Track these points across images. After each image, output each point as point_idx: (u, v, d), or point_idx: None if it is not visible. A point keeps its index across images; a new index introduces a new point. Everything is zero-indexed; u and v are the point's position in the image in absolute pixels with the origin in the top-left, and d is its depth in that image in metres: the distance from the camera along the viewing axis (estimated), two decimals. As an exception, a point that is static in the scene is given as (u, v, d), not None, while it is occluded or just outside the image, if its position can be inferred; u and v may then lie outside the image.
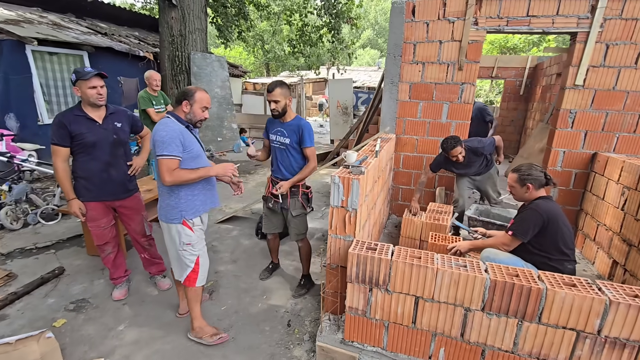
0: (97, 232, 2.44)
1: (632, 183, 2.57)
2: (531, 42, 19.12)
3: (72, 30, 6.88)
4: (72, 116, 2.22)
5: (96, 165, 2.31)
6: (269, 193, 2.63)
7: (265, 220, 2.74)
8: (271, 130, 2.57)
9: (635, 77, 2.95)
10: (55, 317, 2.38)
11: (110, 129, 2.33)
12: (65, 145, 2.21)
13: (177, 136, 1.89)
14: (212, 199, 2.19)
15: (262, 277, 2.94)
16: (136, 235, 2.61)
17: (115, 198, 2.45)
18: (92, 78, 2.16)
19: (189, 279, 2.11)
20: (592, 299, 1.48)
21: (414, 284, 1.76)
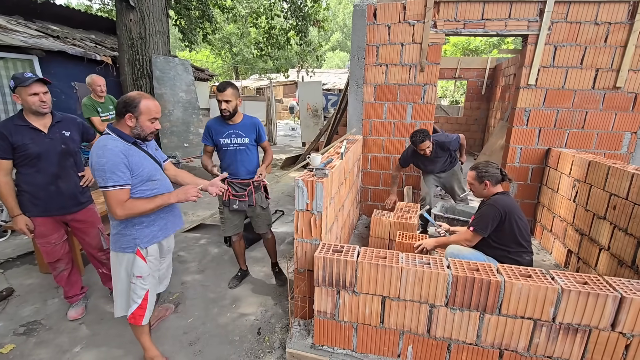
0: (47, 248, 2.27)
1: (582, 176, 2.74)
2: (491, 44, 20.12)
3: (19, 34, 6.43)
4: (13, 126, 2.04)
5: (42, 178, 2.13)
6: (230, 196, 2.55)
7: (227, 224, 2.65)
8: (221, 134, 2.48)
9: (581, 76, 3.15)
10: (3, 342, 2.19)
11: (58, 138, 2.17)
12: (6, 157, 2.03)
13: (119, 160, 1.60)
14: (174, 222, 1.95)
15: (231, 286, 2.85)
16: (92, 250, 2.46)
17: (65, 212, 2.27)
18: (33, 84, 2.00)
19: (134, 316, 1.83)
20: (546, 288, 1.55)
21: (380, 284, 1.76)
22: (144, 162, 1.73)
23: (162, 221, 1.86)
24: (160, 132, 7.02)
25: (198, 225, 3.99)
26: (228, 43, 20.98)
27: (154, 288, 1.93)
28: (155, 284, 1.94)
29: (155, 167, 1.82)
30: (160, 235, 1.86)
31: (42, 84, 2.06)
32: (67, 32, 8.04)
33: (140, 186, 1.73)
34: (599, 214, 2.55)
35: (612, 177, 2.44)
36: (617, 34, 3.01)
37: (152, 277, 1.89)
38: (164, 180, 1.88)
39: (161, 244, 1.92)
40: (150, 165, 1.77)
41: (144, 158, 1.75)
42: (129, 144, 1.71)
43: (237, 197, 2.55)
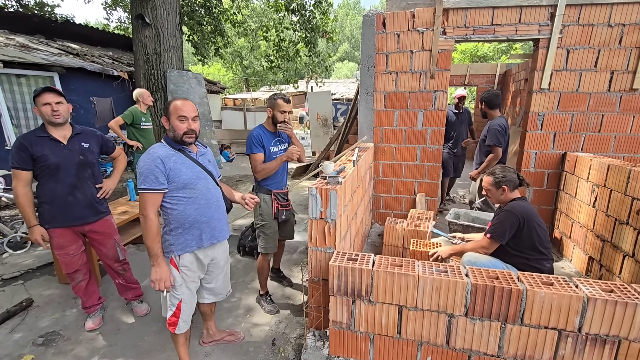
0: (65, 259, 2.31)
1: (601, 180, 2.67)
2: (500, 50, 20.02)
3: (41, 52, 6.71)
4: (34, 137, 2.11)
5: (60, 188, 2.18)
6: (279, 207, 2.51)
7: (273, 239, 2.53)
8: (270, 143, 2.45)
9: (595, 79, 3.10)
10: (22, 353, 2.22)
11: (76, 149, 2.22)
12: (26, 168, 2.09)
13: (154, 166, 1.67)
14: (211, 233, 1.88)
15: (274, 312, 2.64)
16: (109, 260, 2.49)
17: (83, 222, 2.31)
18: (44, 94, 2.05)
19: (169, 322, 1.87)
20: (571, 296, 1.50)
21: (396, 293, 1.73)
22: (182, 169, 1.75)
23: (196, 231, 1.83)
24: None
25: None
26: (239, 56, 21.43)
27: (190, 300, 1.91)
28: (190, 296, 1.90)
29: (198, 175, 1.81)
30: (194, 245, 1.83)
31: (56, 94, 2.10)
32: (86, 49, 8.36)
33: (176, 193, 1.75)
34: (621, 219, 2.47)
35: (634, 180, 2.36)
36: (631, 35, 2.96)
37: (187, 288, 1.87)
38: (207, 190, 1.85)
39: (197, 256, 1.88)
40: (190, 173, 1.77)
41: (185, 165, 1.76)
42: (175, 151, 1.77)
43: (284, 207, 2.54)
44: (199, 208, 1.82)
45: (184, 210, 1.79)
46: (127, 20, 12.96)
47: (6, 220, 4.36)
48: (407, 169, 3.74)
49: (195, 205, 1.81)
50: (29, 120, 6.09)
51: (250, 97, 17.75)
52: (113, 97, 7.67)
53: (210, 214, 1.87)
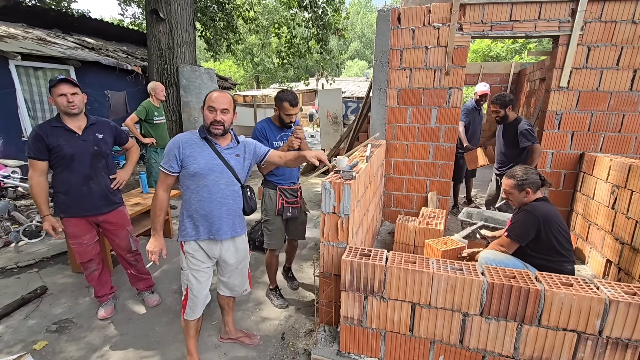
0: (79, 249, 2.34)
1: (621, 181, 2.59)
2: (513, 50, 19.66)
3: (58, 45, 6.81)
4: (50, 128, 2.12)
5: (75, 178, 2.20)
6: (284, 203, 2.42)
7: (278, 235, 2.50)
8: (274, 137, 2.42)
9: (617, 77, 3.01)
10: (36, 339, 2.26)
11: (91, 140, 2.23)
12: (42, 158, 2.11)
13: (172, 148, 1.74)
14: (210, 229, 1.84)
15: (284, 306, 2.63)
16: (121, 251, 2.51)
17: (97, 213, 2.33)
18: (60, 84, 2.05)
19: (182, 304, 1.92)
20: (592, 298, 1.45)
21: (409, 290, 1.71)
22: (197, 158, 1.75)
23: (194, 222, 1.82)
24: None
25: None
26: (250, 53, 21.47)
27: (198, 290, 1.88)
28: (198, 285, 1.88)
29: (212, 168, 1.78)
30: (193, 235, 1.83)
31: (71, 85, 2.09)
32: (101, 44, 8.47)
33: (186, 180, 1.80)
34: (643, 222, 2.40)
35: (657, 182, 2.29)
36: (657, 33, 2.86)
37: (193, 277, 1.86)
38: (215, 186, 1.80)
39: (200, 246, 1.86)
40: (204, 164, 1.76)
41: (202, 155, 1.77)
42: (200, 139, 1.80)
43: (291, 204, 2.45)
44: (200, 200, 1.80)
45: (188, 198, 1.83)
46: (142, 16, 13.11)
47: (22, 210, 4.45)
48: (419, 167, 3.70)
49: (197, 197, 1.80)
50: (45, 113, 6.20)
51: (260, 94, 17.78)
52: (127, 91, 7.76)
53: (210, 209, 1.81)
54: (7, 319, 2.44)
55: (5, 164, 4.96)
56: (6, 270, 3.11)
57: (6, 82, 5.50)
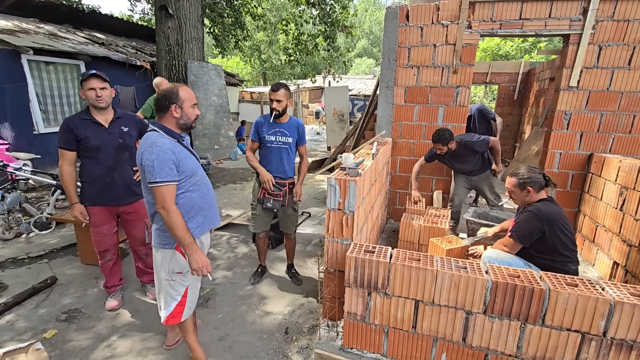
0: (97, 238, 2.42)
1: (630, 183, 2.56)
2: (523, 49, 19.40)
3: (69, 41, 6.90)
4: (79, 120, 2.23)
5: (99, 169, 2.30)
6: (265, 194, 2.62)
7: (257, 220, 2.73)
8: (267, 131, 2.59)
9: (628, 77, 2.96)
10: (46, 327, 2.32)
11: (116, 133, 2.33)
12: (71, 149, 2.22)
13: (168, 157, 1.60)
14: (211, 219, 1.90)
15: (253, 282, 2.91)
16: (135, 242, 2.58)
17: (119, 203, 2.42)
18: (90, 79, 2.17)
19: (173, 315, 1.81)
20: (597, 299, 1.45)
21: (413, 287, 1.72)
22: (187, 159, 1.73)
23: (200, 218, 1.82)
24: (193, 134, 7.28)
25: (227, 224, 4.07)
26: (257, 50, 21.52)
27: (195, 285, 1.90)
28: (196, 280, 1.89)
29: (196, 163, 1.82)
30: (198, 233, 1.81)
31: (100, 80, 2.21)
32: (111, 39, 8.55)
33: (184, 182, 1.72)
34: (651, 224, 2.37)
35: (667, 184, 2.26)
36: (671, 32, 2.82)
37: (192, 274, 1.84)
38: (204, 177, 1.88)
39: (200, 241, 1.86)
40: (192, 161, 1.77)
41: (186, 155, 1.75)
42: (175, 141, 1.71)
43: (272, 196, 2.61)
44: (202, 196, 1.82)
45: (190, 198, 1.75)
46: (151, 12, 13.20)
47: (33, 202, 4.54)
48: (425, 166, 3.68)
49: (199, 193, 1.80)
50: (56, 107, 6.30)
51: (267, 91, 17.82)
52: (135, 86, 7.85)
53: (211, 200, 1.89)
54: (18, 308, 2.51)
55: (17, 157, 5.06)
56: (17, 260, 3.19)
57: (18, 76, 5.60)
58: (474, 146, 3.21)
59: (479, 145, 3.21)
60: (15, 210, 3.86)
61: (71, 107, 6.58)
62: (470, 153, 3.26)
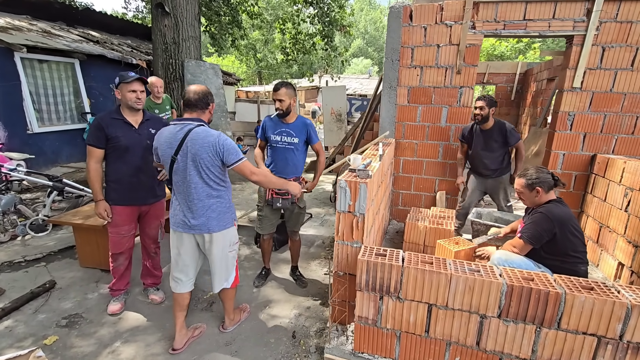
0: (115, 239, 2.40)
1: (636, 184, 2.57)
2: (517, 50, 19.58)
3: (63, 38, 6.77)
4: (110, 119, 2.24)
5: (127, 169, 2.31)
6: (273, 194, 2.58)
7: (264, 222, 2.71)
8: (273, 131, 2.58)
9: (632, 79, 2.98)
10: (47, 333, 2.25)
11: (145, 134, 2.34)
12: (100, 146, 2.22)
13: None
14: None
15: (257, 285, 2.89)
16: (148, 240, 2.58)
17: (143, 203, 2.44)
18: (135, 82, 2.21)
19: (235, 278, 2.17)
20: (613, 302, 1.44)
21: (426, 290, 1.69)
22: None
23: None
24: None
25: (228, 226, 4.01)
26: (253, 49, 21.39)
27: None
28: None
29: None
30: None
31: (142, 83, 2.26)
32: (106, 37, 8.41)
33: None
34: (657, 225, 2.38)
35: (673, 185, 2.27)
36: (673, 34, 2.83)
37: None
38: None
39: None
40: None
41: None
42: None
43: (280, 195, 2.57)
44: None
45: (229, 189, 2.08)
46: (145, 10, 13.02)
47: (28, 203, 4.44)
48: (428, 166, 3.68)
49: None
50: (51, 106, 6.17)
51: (263, 90, 17.72)
52: (131, 85, 7.73)
53: None
54: (16, 313, 2.44)
55: (10, 157, 4.94)
56: (14, 263, 3.11)
57: (11, 74, 5.47)
58: (507, 133, 3.06)
59: (511, 134, 3.07)
60: (10, 212, 3.77)
61: (66, 107, 6.46)
62: (499, 139, 3.10)
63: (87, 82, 6.78)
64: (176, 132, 1.85)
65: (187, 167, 1.83)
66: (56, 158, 6.27)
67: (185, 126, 1.85)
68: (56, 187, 3.89)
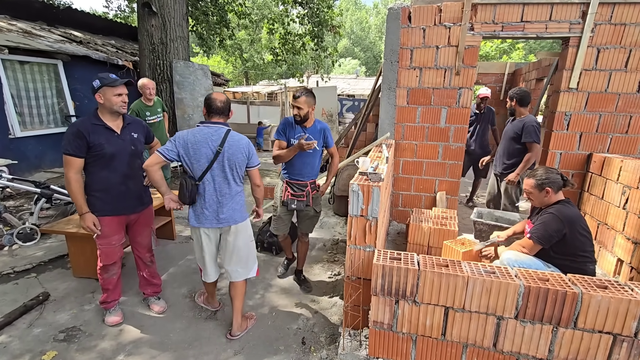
0: (107, 249, 2.26)
1: (633, 182, 2.63)
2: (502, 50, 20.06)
3: (44, 39, 6.51)
4: (91, 125, 2.08)
5: (115, 177, 2.18)
6: (289, 195, 2.65)
7: (279, 222, 2.79)
8: (293, 135, 2.60)
9: (625, 79, 3.06)
10: (44, 349, 2.14)
11: (128, 140, 2.22)
12: (81, 155, 2.06)
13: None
14: None
15: (279, 275, 3.04)
16: (142, 249, 2.47)
17: (132, 211, 2.32)
18: (121, 86, 2.09)
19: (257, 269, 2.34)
20: (629, 301, 1.46)
21: (443, 294, 1.69)
22: None
23: None
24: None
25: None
26: (239, 49, 21.15)
27: None
28: None
29: None
30: None
31: (126, 86, 2.14)
32: (89, 37, 8.15)
33: None
34: (654, 221, 2.44)
35: (670, 183, 2.34)
36: (664, 36, 2.92)
37: None
38: None
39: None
40: None
41: None
42: None
43: (296, 197, 2.64)
44: None
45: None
46: (127, 9, 12.68)
47: (12, 211, 4.25)
48: (428, 167, 3.70)
49: None
50: (33, 109, 5.93)
51: (251, 91, 17.55)
52: (117, 86, 7.50)
53: None
54: (9, 328, 2.31)
55: (-7, 163, 4.71)
56: (2, 275, 2.95)
57: (-9, 76, 5.22)
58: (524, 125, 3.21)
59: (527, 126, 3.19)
60: (-5, 221, 3.59)
61: (49, 109, 6.21)
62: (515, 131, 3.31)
63: (71, 84, 6.55)
64: (212, 133, 2.02)
65: (224, 166, 2.04)
66: (39, 163, 6.02)
67: (219, 129, 2.04)
68: (44, 194, 3.73)
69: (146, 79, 4.24)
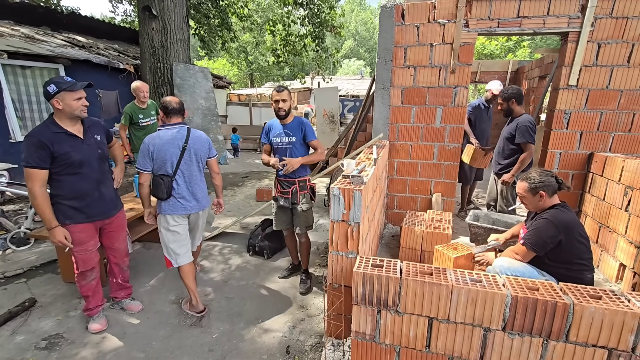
0: (84, 256, 2.20)
1: (636, 182, 2.50)
2: (507, 48, 19.73)
3: (46, 43, 6.59)
4: (52, 134, 1.97)
5: (87, 184, 2.12)
6: (278, 193, 2.74)
7: (275, 218, 2.84)
8: (273, 134, 2.69)
9: (628, 75, 2.93)
10: (24, 357, 2.11)
11: (93, 143, 2.15)
12: (45, 167, 1.96)
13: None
14: None
15: (280, 276, 3.05)
16: (119, 255, 2.43)
17: (106, 217, 2.28)
18: (81, 89, 2.01)
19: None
20: (625, 313, 1.35)
21: (427, 303, 1.60)
22: None
23: None
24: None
25: (220, 234, 3.89)
26: (244, 52, 21.23)
27: None
28: None
29: None
30: None
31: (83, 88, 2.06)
32: (92, 41, 8.24)
33: None
34: (659, 225, 2.31)
35: (675, 184, 2.21)
36: (669, 29, 2.78)
37: None
38: None
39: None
40: None
41: None
42: None
43: (283, 194, 2.70)
44: None
45: None
46: (133, 13, 12.80)
47: (10, 215, 4.27)
48: (423, 168, 3.60)
49: None
50: (34, 113, 5.99)
51: (255, 93, 17.57)
52: (119, 90, 7.56)
53: None
54: (-8, 335, 2.29)
55: (-8, 167, 4.76)
56: (-8, 280, 2.95)
57: (-8, 81, 5.28)
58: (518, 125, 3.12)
59: (520, 126, 3.10)
60: (-10, 225, 3.61)
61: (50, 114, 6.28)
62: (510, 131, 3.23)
63: (73, 88, 6.60)
64: (175, 133, 2.26)
65: (191, 159, 2.30)
66: (41, 167, 6.08)
67: (180, 129, 2.29)
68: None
69: (139, 82, 4.22)
